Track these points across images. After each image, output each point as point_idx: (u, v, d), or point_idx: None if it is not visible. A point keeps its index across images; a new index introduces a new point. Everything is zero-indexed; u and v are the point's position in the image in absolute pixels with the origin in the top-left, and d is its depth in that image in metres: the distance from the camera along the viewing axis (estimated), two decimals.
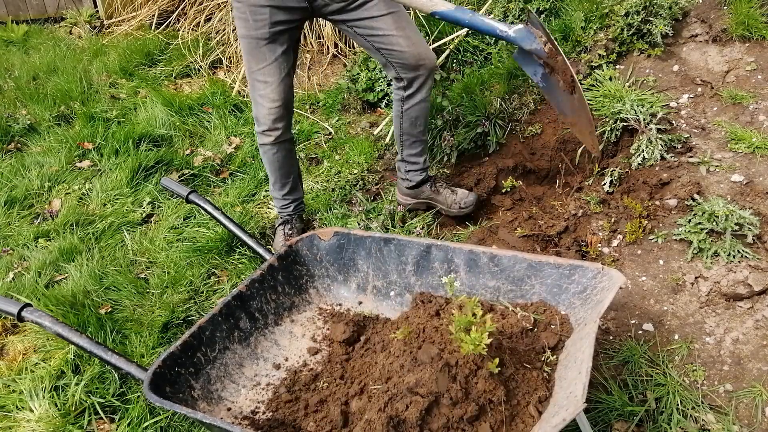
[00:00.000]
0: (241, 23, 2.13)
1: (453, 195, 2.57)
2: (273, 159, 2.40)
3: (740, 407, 1.65)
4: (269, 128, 2.29)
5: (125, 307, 2.28)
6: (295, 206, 2.58)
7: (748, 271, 1.89)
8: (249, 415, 1.66)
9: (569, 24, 2.79)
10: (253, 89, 2.25)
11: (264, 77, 2.20)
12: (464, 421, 1.33)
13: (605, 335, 1.91)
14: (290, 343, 1.90)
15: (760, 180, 2.12)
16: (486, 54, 3.29)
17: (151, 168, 3.14)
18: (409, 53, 2.18)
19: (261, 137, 2.35)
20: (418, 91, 2.29)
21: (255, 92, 2.24)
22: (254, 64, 2.18)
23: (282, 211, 2.58)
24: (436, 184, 2.60)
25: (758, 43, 2.54)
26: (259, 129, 2.32)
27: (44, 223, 2.84)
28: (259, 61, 2.17)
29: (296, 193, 2.57)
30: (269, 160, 2.42)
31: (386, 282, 1.99)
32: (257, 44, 2.14)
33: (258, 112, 2.28)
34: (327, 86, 4.00)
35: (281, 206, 2.57)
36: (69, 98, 3.91)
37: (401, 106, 2.37)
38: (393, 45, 2.17)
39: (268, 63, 2.18)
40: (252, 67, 2.19)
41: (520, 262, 1.77)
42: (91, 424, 1.86)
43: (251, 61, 2.18)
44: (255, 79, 2.21)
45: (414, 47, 2.18)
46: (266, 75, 2.19)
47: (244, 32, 2.14)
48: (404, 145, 2.50)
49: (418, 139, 2.47)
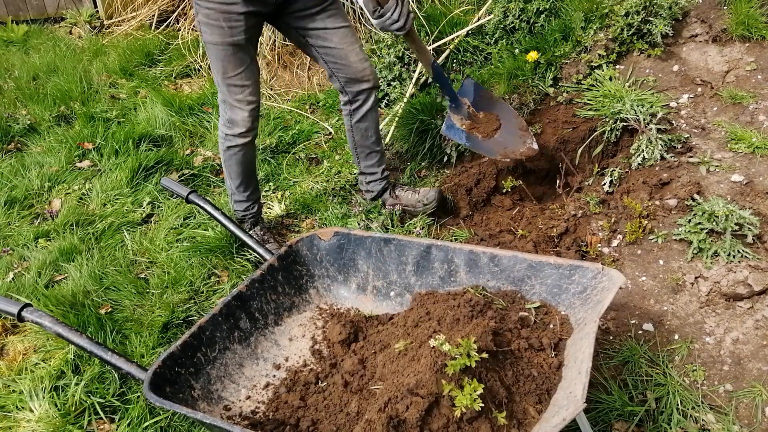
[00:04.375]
0: (212, 30, 2.07)
1: (415, 194, 2.61)
2: (243, 160, 2.38)
3: (740, 407, 1.65)
4: (248, 129, 2.28)
5: (125, 307, 2.28)
6: (259, 205, 2.58)
7: (748, 271, 1.89)
8: (249, 415, 1.66)
9: (569, 24, 2.79)
10: (228, 94, 2.21)
11: (242, 81, 2.18)
12: (464, 422, 1.33)
13: (605, 335, 1.91)
14: (290, 343, 1.91)
15: (760, 180, 2.12)
16: (486, 54, 3.29)
17: (151, 168, 3.14)
18: (355, 68, 2.28)
19: (236, 139, 2.31)
20: (364, 103, 2.39)
21: (231, 97, 2.21)
22: (230, 69, 2.15)
23: (246, 213, 2.54)
24: (395, 190, 2.65)
25: (758, 43, 2.54)
26: (236, 132, 2.28)
27: (44, 223, 2.84)
28: (236, 67, 2.15)
29: (258, 191, 2.57)
30: (239, 162, 2.38)
31: (386, 282, 1.99)
32: (234, 50, 2.12)
33: (235, 116, 2.25)
34: (327, 86, 4.00)
35: (246, 208, 2.53)
36: (69, 98, 3.91)
37: (350, 119, 2.46)
38: (341, 59, 2.25)
39: (245, 67, 2.16)
40: (227, 72, 2.15)
41: (521, 263, 1.77)
42: (91, 424, 1.86)
43: (226, 67, 2.14)
44: (231, 84, 2.18)
45: (360, 63, 2.28)
46: (244, 79, 2.18)
47: (218, 39, 2.08)
48: (360, 158, 2.59)
49: (372, 150, 2.56)
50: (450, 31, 3.37)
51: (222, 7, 2.02)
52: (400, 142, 3.13)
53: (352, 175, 2.99)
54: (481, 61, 3.29)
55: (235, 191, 2.49)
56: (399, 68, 3.42)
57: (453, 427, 1.33)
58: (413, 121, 2.97)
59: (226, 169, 2.43)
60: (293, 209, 2.85)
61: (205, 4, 2.03)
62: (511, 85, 2.90)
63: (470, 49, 3.33)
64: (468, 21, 3.37)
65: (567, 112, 2.69)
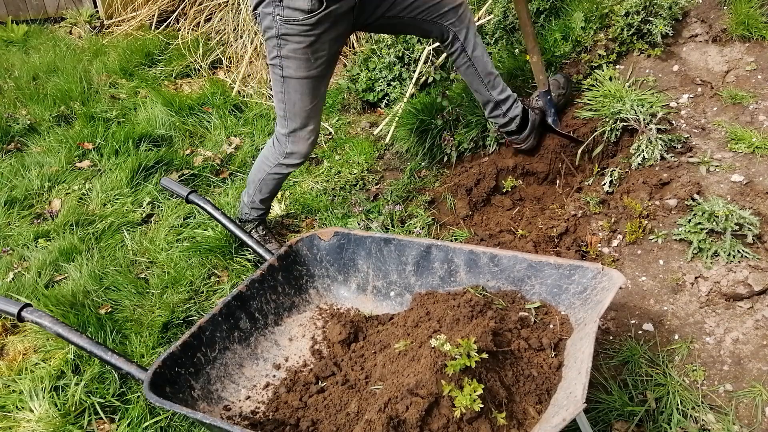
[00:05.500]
0: (297, 65, 1.98)
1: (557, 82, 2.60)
2: (284, 180, 2.37)
3: (740, 407, 1.65)
4: (305, 158, 2.25)
5: (125, 307, 2.28)
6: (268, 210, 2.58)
7: (748, 271, 1.89)
8: (249, 415, 1.66)
9: (569, 24, 2.79)
10: (302, 128, 2.14)
11: (315, 113, 2.13)
12: (464, 422, 1.33)
13: (605, 335, 1.91)
14: (290, 343, 1.91)
15: (760, 180, 2.12)
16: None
17: (151, 168, 3.14)
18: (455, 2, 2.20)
19: (289, 168, 2.28)
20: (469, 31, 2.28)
21: (303, 131, 2.15)
22: (308, 102, 2.08)
23: (257, 218, 2.53)
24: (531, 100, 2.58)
25: (758, 43, 2.54)
26: (293, 162, 2.25)
27: (44, 223, 2.84)
28: (313, 98, 2.08)
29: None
30: (278, 182, 2.36)
31: (386, 282, 1.99)
32: (316, 82, 2.05)
33: (299, 148, 2.20)
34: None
35: (259, 215, 2.52)
36: (69, 98, 3.91)
37: (465, 56, 2.33)
38: (441, 6, 2.17)
39: (320, 97, 2.12)
40: (306, 105, 2.08)
41: (521, 263, 1.77)
42: (91, 424, 1.86)
43: (305, 99, 2.06)
44: (307, 117, 2.12)
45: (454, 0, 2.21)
46: (317, 110, 2.13)
47: (303, 74, 2.00)
48: (490, 88, 2.42)
49: (495, 74, 2.42)
50: None
51: (311, 39, 1.93)
52: (400, 142, 3.13)
53: (352, 175, 2.99)
54: None
55: (257, 202, 2.46)
56: (399, 68, 3.42)
57: (453, 428, 1.33)
58: (413, 121, 2.97)
59: (259, 185, 2.38)
60: (293, 209, 2.85)
61: (294, 39, 1.92)
62: (511, 85, 2.89)
63: None
64: None
65: (567, 113, 2.69)
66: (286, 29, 1.91)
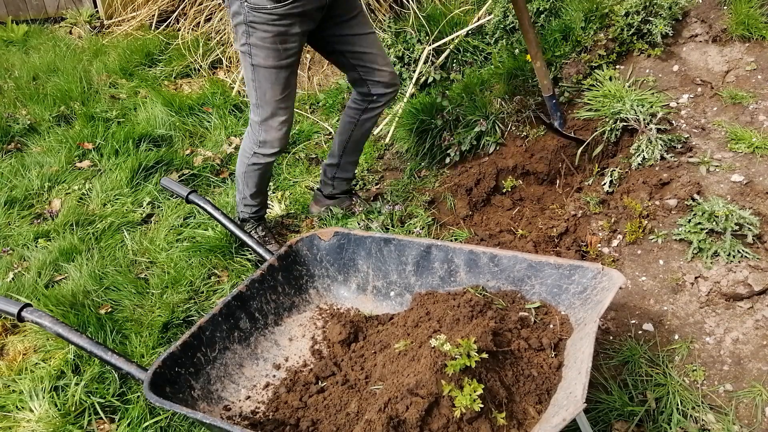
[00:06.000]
0: (266, 53, 2.01)
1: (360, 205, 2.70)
2: (265, 172, 2.37)
3: (740, 407, 1.65)
4: (281, 148, 2.26)
5: (125, 307, 2.28)
6: (265, 208, 2.58)
7: (748, 271, 1.89)
8: (249, 415, 1.66)
9: (569, 24, 2.79)
10: (272, 117, 2.16)
11: (286, 103, 2.15)
12: (464, 422, 1.33)
13: (605, 335, 1.91)
14: (290, 343, 1.91)
15: (760, 180, 2.12)
16: (486, 54, 3.29)
17: (151, 168, 3.14)
18: (386, 72, 2.30)
19: (266, 158, 2.29)
20: (383, 106, 2.40)
21: (274, 120, 2.17)
22: (279, 92, 2.11)
23: (254, 215, 2.54)
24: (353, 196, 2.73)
25: (758, 43, 2.54)
26: (268, 152, 2.26)
27: (44, 223, 2.84)
28: (284, 89, 2.11)
29: (267, 195, 2.57)
30: (261, 175, 2.37)
31: (386, 282, 1.99)
32: (286, 72, 2.08)
33: (271, 137, 2.21)
34: (327, 86, 4.00)
35: (255, 211, 2.53)
36: (69, 98, 3.91)
37: (360, 115, 2.44)
38: (372, 63, 2.27)
39: (291, 88, 2.14)
40: (276, 95, 2.11)
41: (521, 263, 1.77)
42: (91, 424, 1.86)
43: (275, 89, 2.09)
44: (277, 108, 2.14)
45: (388, 67, 2.31)
46: (288, 100, 2.15)
47: (271, 63, 2.03)
48: (347, 152, 2.57)
49: (359, 149, 2.58)
50: (450, 31, 3.37)
51: (280, 29, 1.96)
52: (400, 142, 3.13)
53: None
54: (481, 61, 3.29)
55: (248, 198, 2.47)
56: (399, 68, 3.42)
57: (453, 428, 1.33)
58: (413, 121, 2.97)
59: (244, 179, 2.40)
60: (293, 209, 2.85)
61: (262, 27, 1.96)
62: (511, 85, 2.90)
63: (470, 49, 3.34)
64: (468, 21, 3.37)
65: (567, 113, 2.69)
66: (253, 16, 1.95)
